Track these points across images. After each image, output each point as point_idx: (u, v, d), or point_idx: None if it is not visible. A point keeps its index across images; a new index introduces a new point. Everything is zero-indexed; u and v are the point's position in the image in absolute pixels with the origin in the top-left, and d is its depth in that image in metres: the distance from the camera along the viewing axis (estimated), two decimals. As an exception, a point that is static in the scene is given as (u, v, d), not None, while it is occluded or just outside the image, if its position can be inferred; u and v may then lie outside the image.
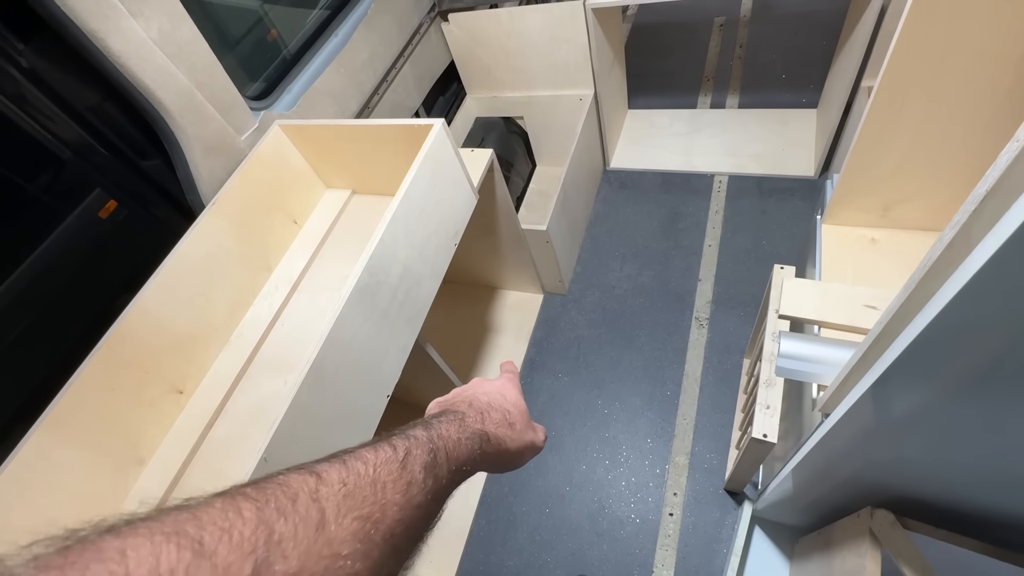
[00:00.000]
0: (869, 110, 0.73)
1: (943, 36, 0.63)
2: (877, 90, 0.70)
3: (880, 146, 0.77)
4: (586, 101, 2.01)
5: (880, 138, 0.76)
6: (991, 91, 0.65)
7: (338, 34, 1.61)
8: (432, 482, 0.34)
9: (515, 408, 0.49)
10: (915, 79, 0.68)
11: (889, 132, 0.75)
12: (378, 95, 1.70)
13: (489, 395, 0.49)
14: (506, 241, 1.74)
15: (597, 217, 2.20)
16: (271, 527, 0.25)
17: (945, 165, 0.77)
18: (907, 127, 0.74)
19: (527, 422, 0.50)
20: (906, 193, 0.84)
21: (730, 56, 2.60)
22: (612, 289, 1.97)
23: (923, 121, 0.73)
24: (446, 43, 2.03)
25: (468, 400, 0.47)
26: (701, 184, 2.16)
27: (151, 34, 1.02)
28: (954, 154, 0.75)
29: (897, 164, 0.80)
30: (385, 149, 1.21)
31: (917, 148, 0.76)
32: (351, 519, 0.28)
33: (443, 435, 0.38)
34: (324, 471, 0.29)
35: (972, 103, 0.67)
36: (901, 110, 0.72)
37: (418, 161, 1.02)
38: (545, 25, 1.81)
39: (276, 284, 1.28)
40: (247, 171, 1.21)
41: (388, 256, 0.96)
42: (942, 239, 0.41)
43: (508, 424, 0.47)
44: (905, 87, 0.69)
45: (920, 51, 0.65)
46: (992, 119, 0.68)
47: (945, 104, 0.70)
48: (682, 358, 1.74)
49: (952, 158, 0.76)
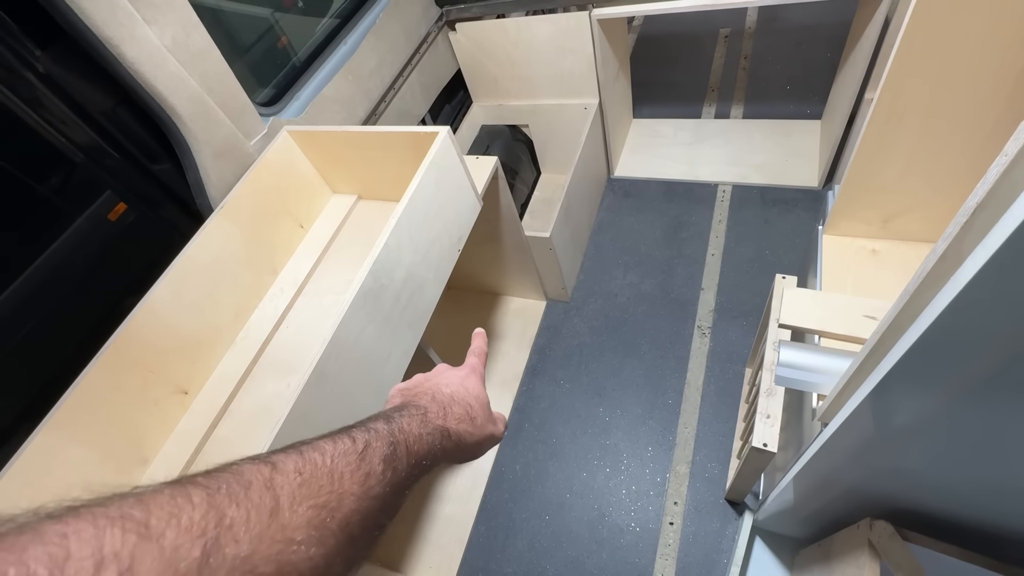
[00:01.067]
0: (869, 122, 0.74)
1: (941, 50, 0.64)
2: (877, 102, 0.71)
3: (880, 158, 0.78)
4: (591, 110, 2.03)
5: (880, 150, 0.77)
6: (989, 104, 0.65)
7: (347, 42, 1.63)
8: (391, 474, 0.34)
9: (477, 401, 0.49)
10: (914, 92, 0.69)
11: (889, 144, 0.76)
12: (385, 103, 1.72)
13: (452, 387, 0.49)
14: (509, 248, 1.75)
15: (600, 225, 2.21)
16: (222, 512, 0.25)
17: (944, 178, 0.78)
18: (906, 140, 0.75)
19: (488, 414, 0.50)
20: (906, 205, 0.84)
21: (735, 67, 2.62)
22: (615, 297, 1.98)
23: (922, 134, 0.73)
24: (453, 52, 2.05)
25: (431, 392, 0.47)
26: (705, 193, 2.17)
27: (165, 41, 1.05)
28: (953, 167, 0.76)
29: (897, 176, 0.80)
30: (391, 156, 1.23)
31: (916, 160, 0.77)
32: (306, 507, 0.28)
33: (404, 429, 0.39)
34: (280, 461, 0.30)
35: (970, 116, 0.68)
36: (900, 123, 0.73)
37: (423, 168, 1.04)
38: (551, 35, 1.84)
39: (281, 287, 1.29)
40: (255, 176, 1.23)
41: (392, 261, 0.97)
42: (935, 250, 0.42)
43: (470, 419, 0.47)
44: (904, 100, 0.70)
45: (918, 65, 0.66)
46: (991, 132, 0.69)
47: (944, 117, 0.70)
48: (684, 367, 1.74)
49: (951, 171, 0.76)
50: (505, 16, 1.93)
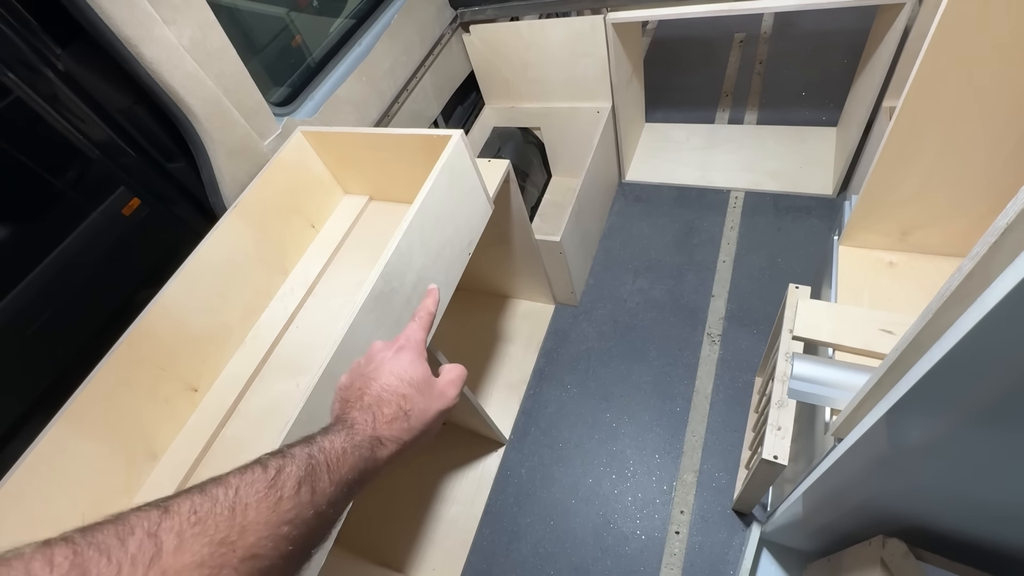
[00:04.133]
0: (890, 132, 0.73)
1: (967, 61, 0.62)
2: (899, 113, 0.70)
3: (900, 170, 0.77)
4: (603, 114, 2.02)
5: (901, 161, 0.76)
6: (1015, 119, 0.64)
7: (361, 43, 1.64)
8: (310, 495, 0.35)
9: (411, 387, 0.46)
10: (938, 103, 0.68)
11: (910, 156, 0.75)
12: (398, 104, 1.73)
13: (381, 380, 0.46)
14: (519, 251, 1.74)
15: (611, 229, 2.20)
16: (85, 570, 0.25)
17: (966, 192, 0.76)
18: (928, 151, 0.74)
19: (428, 394, 0.48)
20: (925, 218, 0.83)
21: (750, 72, 2.60)
22: (624, 302, 1.96)
23: (944, 146, 0.72)
24: (466, 54, 2.05)
25: (360, 393, 0.46)
26: (717, 199, 2.15)
27: (183, 42, 1.05)
28: (975, 181, 0.74)
29: (917, 189, 0.79)
30: (404, 158, 1.23)
31: (938, 173, 0.76)
32: (200, 545, 0.29)
33: (325, 448, 0.39)
34: (174, 503, 0.30)
35: (995, 130, 0.67)
36: (923, 134, 0.72)
37: (436, 171, 1.04)
38: (565, 38, 1.83)
39: (292, 287, 1.30)
40: (268, 175, 1.23)
41: (403, 264, 0.97)
42: (961, 269, 0.41)
43: (404, 415, 0.45)
44: (928, 111, 0.69)
45: (944, 75, 0.65)
46: (1016, 146, 0.67)
47: (967, 130, 0.69)
48: (693, 374, 1.72)
49: (973, 185, 0.75)
50: (519, 19, 1.93)
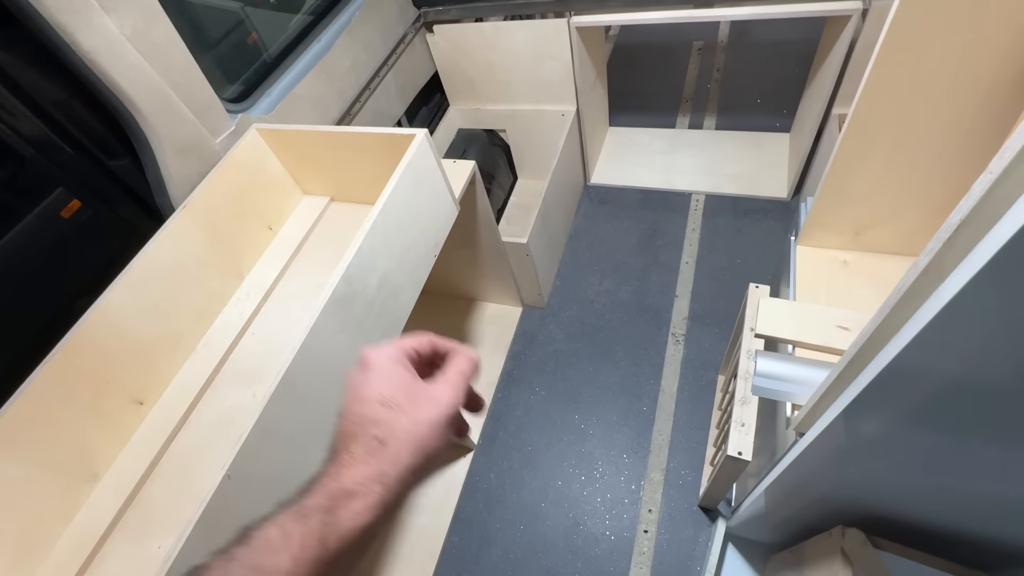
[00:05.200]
0: (843, 137, 0.75)
1: (914, 68, 0.65)
2: (851, 118, 0.73)
3: (853, 172, 0.80)
4: (568, 117, 2.03)
5: (852, 164, 0.79)
6: (959, 121, 0.67)
7: (321, 40, 1.59)
8: None
9: (384, 407, 0.37)
10: (887, 109, 0.70)
11: (861, 159, 0.78)
12: (360, 103, 1.68)
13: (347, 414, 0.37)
14: (486, 253, 1.73)
15: (577, 231, 2.22)
16: None
17: (913, 193, 0.80)
18: (878, 155, 0.77)
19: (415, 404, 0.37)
20: (876, 218, 0.86)
21: (708, 79, 2.67)
22: (591, 303, 1.98)
23: (893, 150, 0.75)
24: (430, 54, 2.03)
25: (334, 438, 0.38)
26: (679, 202, 2.20)
27: (124, 31, 0.99)
28: (922, 183, 0.78)
29: (868, 190, 0.82)
30: (366, 158, 1.19)
31: (888, 175, 0.79)
32: None
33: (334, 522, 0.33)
34: None
35: (941, 133, 0.70)
36: (873, 138, 0.75)
37: (399, 170, 1.01)
38: (530, 41, 1.83)
39: (247, 291, 1.24)
40: (221, 174, 1.17)
41: (366, 266, 0.94)
42: (916, 265, 0.42)
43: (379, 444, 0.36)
44: (877, 116, 0.72)
45: (892, 82, 0.68)
46: (959, 149, 0.71)
47: (914, 134, 0.72)
48: (659, 374, 1.75)
49: (920, 187, 0.79)
50: (483, 20, 1.92)
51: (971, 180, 0.44)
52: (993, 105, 0.65)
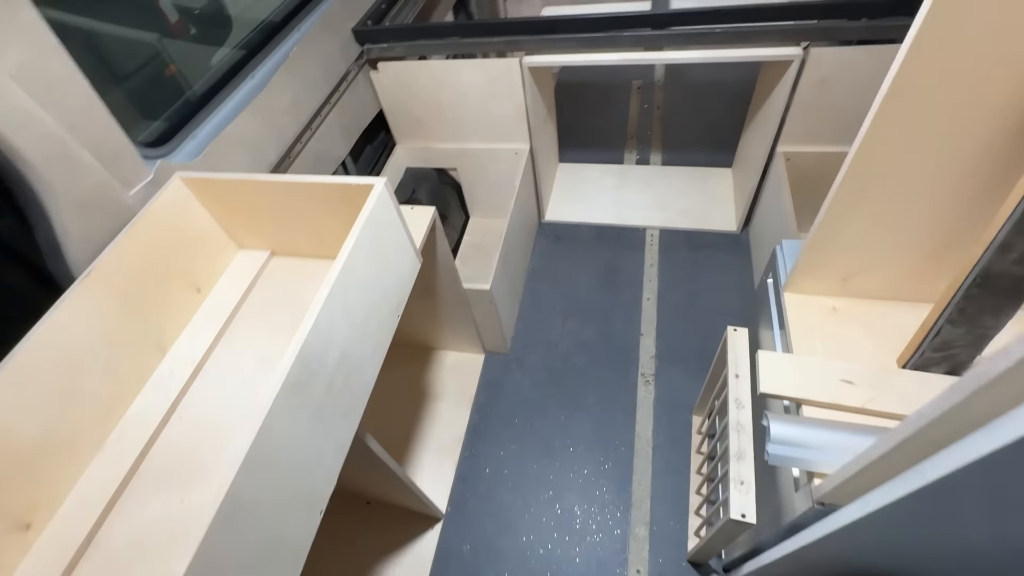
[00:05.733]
0: (837, 190, 0.73)
1: (914, 122, 0.64)
2: (846, 172, 0.70)
3: (845, 223, 0.78)
4: (522, 155, 1.99)
5: (845, 215, 0.77)
6: (953, 171, 0.67)
7: (255, 76, 1.44)
8: None
9: None
10: (884, 161, 0.69)
11: (854, 210, 0.76)
12: (301, 143, 1.54)
13: None
14: (446, 301, 1.61)
15: (535, 271, 2.15)
16: None
17: (904, 240, 0.79)
18: (871, 205, 0.75)
19: None
20: (865, 265, 0.85)
21: (650, 116, 2.75)
22: (555, 346, 1.90)
23: (887, 200, 0.74)
24: (375, 91, 1.92)
25: None
26: (634, 237, 2.20)
27: (7, 67, 0.81)
28: (914, 229, 0.77)
29: (859, 239, 0.81)
30: (316, 208, 1.06)
31: (879, 224, 0.78)
32: None
33: None
34: None
35: (935, 182, 0.69)
36: (867, 190, 0.73)
37: (358, 227, 0.89)
38: (481, 80, 1.78)
39: (171, 368, 1.04)
40: (137, 232, 0.99)
41: (324, 341, 0.80)
42: (1010, 353, 0.37)
43: None
44: (873, 168, 0.70)
45: (890, 135, 0.66)
46: (952, 197, 0.70)
47: (909, 184, 0.71)
48: (632, 418, 1.68)
49: (911, 233, 0.78)
50: (427, 58, 1.85)
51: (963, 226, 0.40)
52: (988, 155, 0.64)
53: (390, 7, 1.92)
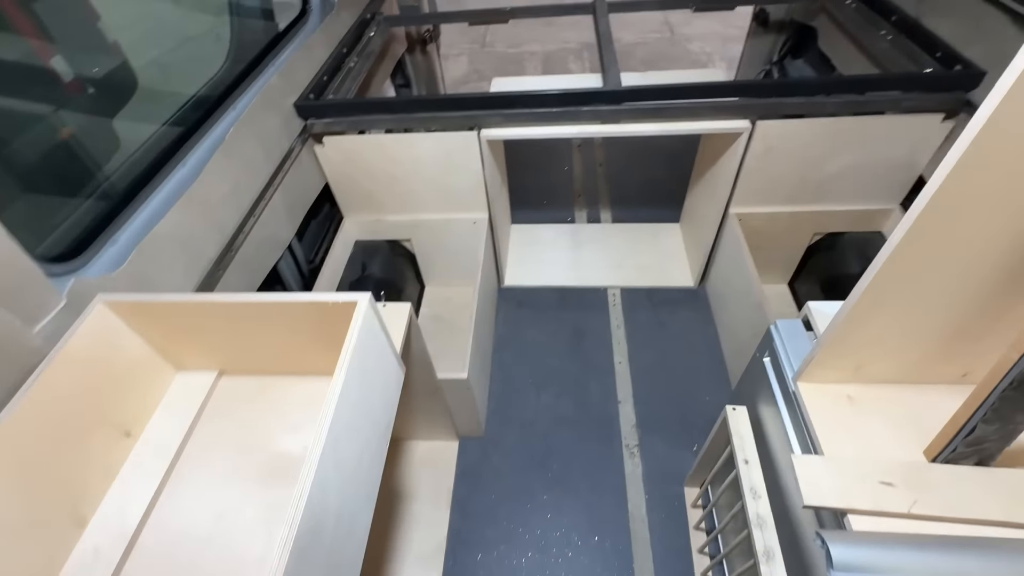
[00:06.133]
0: (861, 296, 0.72)
1: (946, 232, 0.64)
2: (873, 280, 0.70)
3: (866, 321, 0.77)
4: (480, 225, 1.92)
5: (868, 315, 0.76)
6: (978, 270, 0.67)
7: (187, 163, 1.27)
8: None
9: None
10: (911, 270, 0.69)
11: (877, 310, 0.76)
12: (244, 233, 1.36)
13: None
14: (419, 393, 1.47)
15: (501, 341, 2.05)
16: None
17: (922, 331, 0.79)
18: (895, 307, 0.75)
19: None
20: (880, 354, 0.85)
21: (594, 174, 2.82)
22: (532, 424, 1.79)
23: (910, 302, 0.74)
24: (319, 165, 1.79)
25: None
26: (596, 298, 2.18)
27: None
28: (929, 326, 0.78)
29: (877, 334, 0.80)
30: (277, 326, 0.91)
31: (898, 322, 0.78)
32: None
33: None
34: None
35: (959, 282, 0.70)
36: (892, 295, 0.73)
37: (344, 362, 0.75)
38: (437, 153, 1.71)
39: (95, 546, 0.82)
40: (46, 383, 0.78)
41: (318, 513, 0.65)
42: None
43: None
44: (900, 276, 0.70)
45: (921, 247, 0.66)
46: (973, 294, 0.71)
47: (933, 288, 0.71)
48: (623, 497, 1.60)
49: (926, 329, 0.79)
50: (366, 132, 1.75)
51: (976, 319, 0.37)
52: (1012, 257, 0.65)
53: (332, 77, 1.83)
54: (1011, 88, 0.50)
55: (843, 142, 1.59)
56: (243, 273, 1.35)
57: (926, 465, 0.79)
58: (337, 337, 0.80)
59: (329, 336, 0.88)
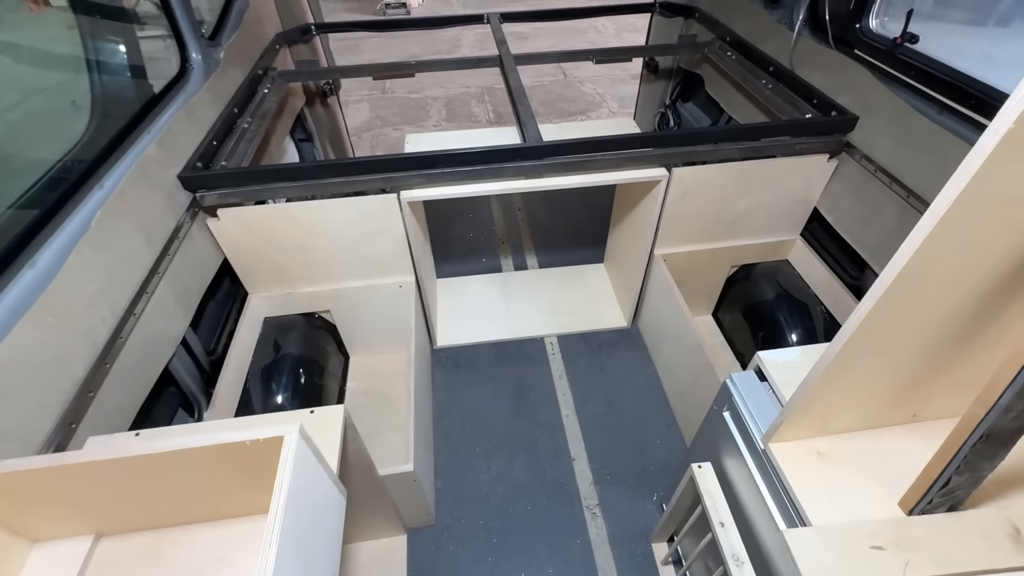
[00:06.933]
0: (830, 365, 0.72)
1: (910, 305, 0.64)
2: (840, 352, 0.69)
3: (833, 385, 0.77)
4: (407, 288, 1.79)
5: (835, 380, 0.76)
6: (945, 329, 0.69)
7: (37, 263, 1.02)
8: None
9: None
10: (877, 340, 0.69)
11: (844, 374, 0.76)
12: (122, 337, 1.12)
13: None
14: (359, 494, 1.28)
15: (441, 409, 1.91)
16: None
17: (880, 389, 0.81)
18: (860, 370, 0.75)
19: None
20: (842, 410, 0.85)
21: (514, 219, 2.80)
22: (486, 499, 1.65)
23: (874, 366, 0.75)
24: (215, 241, 1.56)
25: None
26: (534, 350, 2.12)
27: None
28: (889, 382, 0.79)
29: (843, 395, 0.80)
30: (171, 476, 0.72)
31: (863, 382, 0.78)
32: None
33: None
34: None
35: (918, 348, 0.71)
36: (858, 360, 0.73)
37: (275, 522, 0.59)
38: (355, 219, 1.57)
39: None
40: None
41: None
42: None
43: None
44: (865, 346, 0.70)
45: (884, 320, 0.66)
46: (937, 349, 0.73)
47: (896, 353, 0.73)
48: (592, 564, 1.51)
49: (887, 385, 0.80)
50: (265, 202, 1.57)
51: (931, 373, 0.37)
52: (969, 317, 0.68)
53: (223, 141, 1.63)
54: (966, 186, 0.51)
55: (748, 183, 1.70)
56: (122, 389, 1.11)
57: (906, 520, 0.79)
58: (256, 470, 0.64)
59: (245, 471, 0.71)
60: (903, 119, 1.47)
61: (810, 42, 1.85)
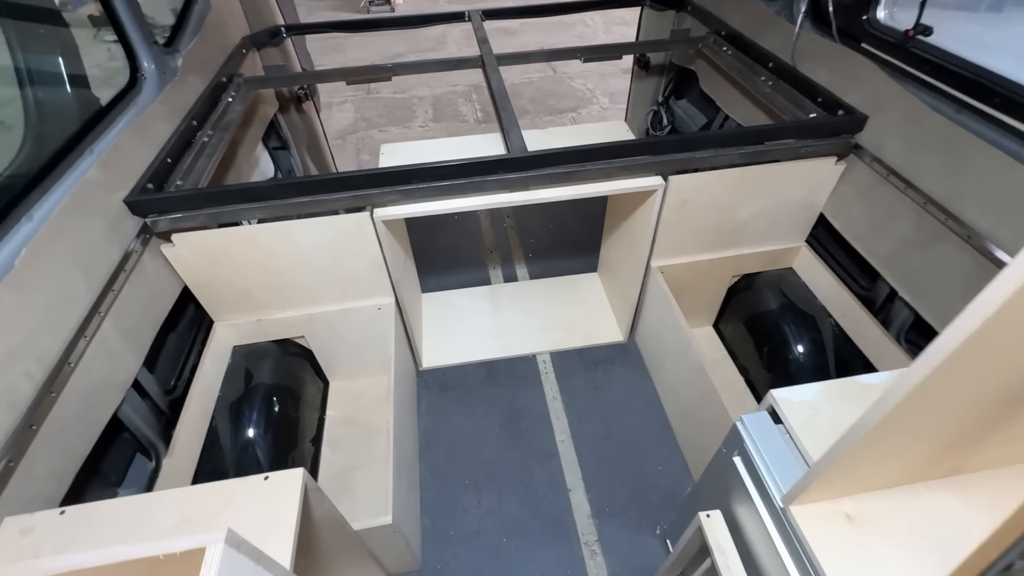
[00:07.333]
0: (861, 442, 0.60)
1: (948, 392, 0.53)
2: (881, 423, 0.57)
3: (863, 458, 0.66)
4: (387, 310, 1.67)
5: (863, 453, 0.65)
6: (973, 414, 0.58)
7: (-55, 314, 0.89)
8: None
9: None
10: (914, 420, 0.58)
11: (874, 448, 0.64)
12: (52, 392, 0.99)
13: None
14: (333, 551, 1.16)
15: (427, 438, 1.78)
16: None
17: (921, 449, 0.69)
18: (892, 441, 0.63)
19: None
20: (877, 472, 0.74)
21: (502, 228, 2.68)
22: (477, 537, 1.54)
23: (907, 438, 0.63)
24: (172, 268, 1.43)
25: None
26: (527, 369, 1.99)
27: None
28: (931, 442, 0.68)
29: (878, 460, 0.69)
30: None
31: (902, 447, 0.67)
32: None
33: None
34: None
35: (955, 422, 0.60)
36: (892, 435, 0.61)
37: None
38: (326, 240, 1.44)
39: None
40: None
41: None
42: None
43: None
44: (899, 427, 0.58)
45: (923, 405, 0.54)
46: (967, 428, 0.61)
47: (931, 426, 0.61)
48: (592, 610, 1.39)
49: (928, 444, 0.69)
50: (237, 223, 1.44)
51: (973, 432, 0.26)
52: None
53: (179, 159, 1.49)
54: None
55: (750, 190, 1.58)
56: (55, 451, 0.98)
57: (955, 604, 0.68)
58: None
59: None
60: (917, 118, 1.36)
61: (813, 35, 1.73)
